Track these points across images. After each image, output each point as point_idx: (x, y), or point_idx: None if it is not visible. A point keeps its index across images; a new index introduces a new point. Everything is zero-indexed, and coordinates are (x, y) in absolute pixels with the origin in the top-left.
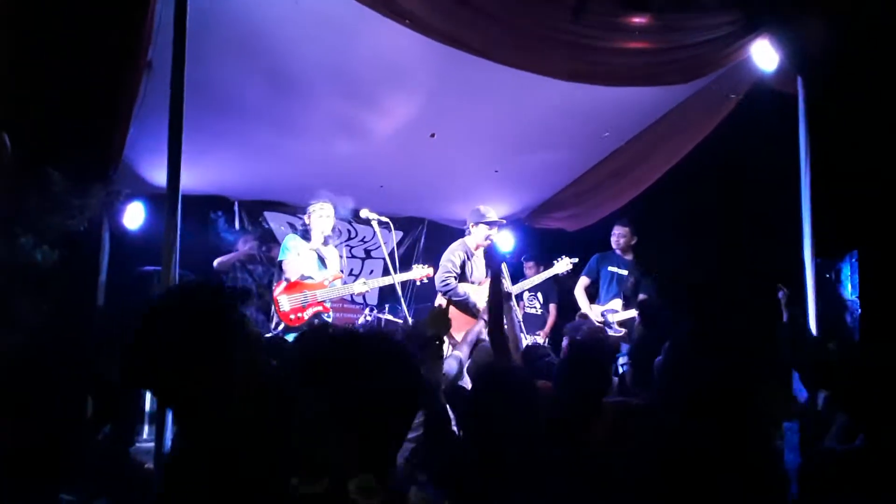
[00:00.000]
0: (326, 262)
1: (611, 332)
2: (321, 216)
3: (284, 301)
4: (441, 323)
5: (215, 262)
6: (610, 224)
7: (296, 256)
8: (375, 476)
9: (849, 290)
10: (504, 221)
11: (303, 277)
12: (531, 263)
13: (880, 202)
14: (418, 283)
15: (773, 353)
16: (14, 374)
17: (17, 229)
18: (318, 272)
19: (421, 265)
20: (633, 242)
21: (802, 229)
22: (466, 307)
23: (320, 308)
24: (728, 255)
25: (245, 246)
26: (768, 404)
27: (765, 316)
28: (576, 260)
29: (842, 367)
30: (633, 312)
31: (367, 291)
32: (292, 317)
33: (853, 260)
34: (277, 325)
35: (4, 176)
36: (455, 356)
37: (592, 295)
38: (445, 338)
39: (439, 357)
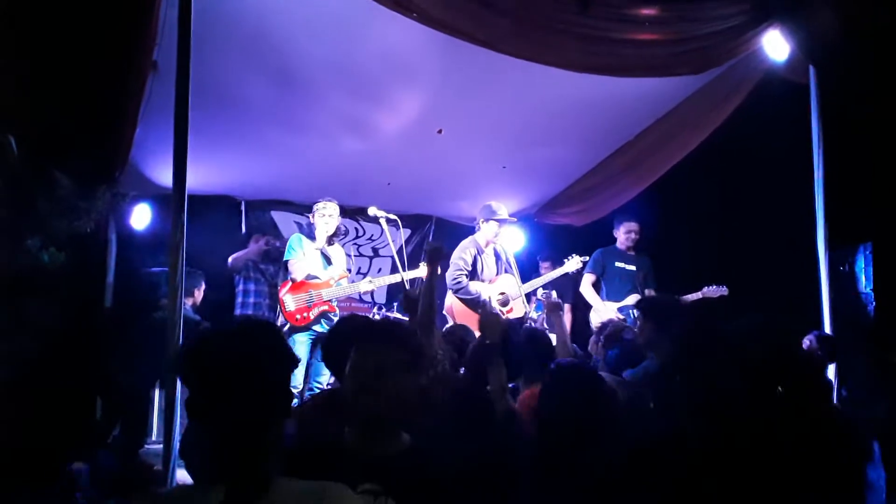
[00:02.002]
0: (332, 260)
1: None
2: (324, 215)
3: (290, 301)
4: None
5: (229, 260)
6: (612, 219)
7: (301, 256)
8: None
9: (863, 283)
10: (515, 219)
11: (308, 277)
12: (547, 264)
13: (894, 192)
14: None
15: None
16: (24, 376)
17: (25, 231)
18: (323, 271)
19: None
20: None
21: (816, 220)
22: (477, 305)
23: (326, 307)
24: (739, 247)
25: (256, 244)
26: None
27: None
28: (586, 258)
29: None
30: None
31: (375, 290)
32: (298, 317)
33: (867, 252)
34: (283, 325)
35: (11, 178)
36: None
37: (598, 291)
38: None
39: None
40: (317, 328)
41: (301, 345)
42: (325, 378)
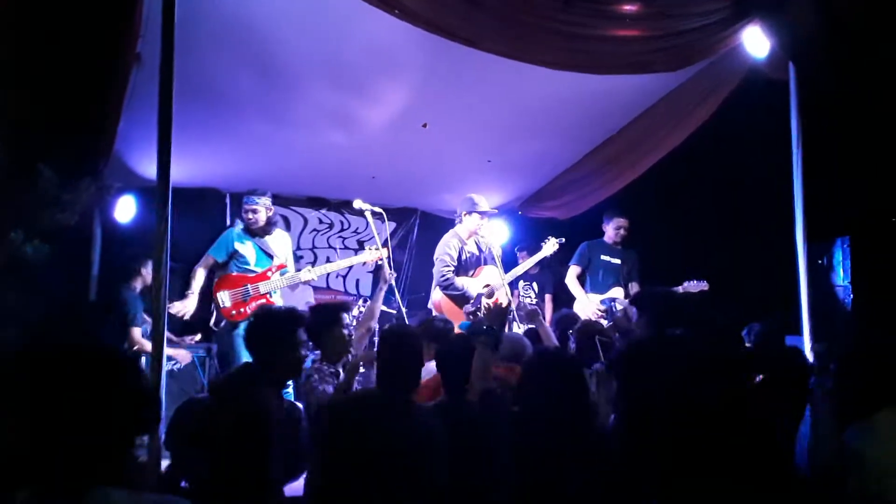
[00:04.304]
0: (271, 251)
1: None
2: (246, 211)
3: (225, 297)
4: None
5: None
6: (598, 211)
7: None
8: None
9: (840, 276)
10: (496, 211)
11: (245, 270)
12: (524, 253)
13: (872, 187)
14: (367, 264)
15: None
16: (6, 369)
17: (9, 224)
18: (257, 264)
19: (371, 247)
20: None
21: (795, 214)
22: (464, 301)
23: (264, 301)
24: (718, 241)
25: None
26: None
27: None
28: (562, 240)
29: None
30: None
31: (315, 279)
32: (234, 312)
33: (845, 245)
34: (219, 321)
35: None
36: None
37: (581, 284)
38: None
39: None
40: None
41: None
42: None
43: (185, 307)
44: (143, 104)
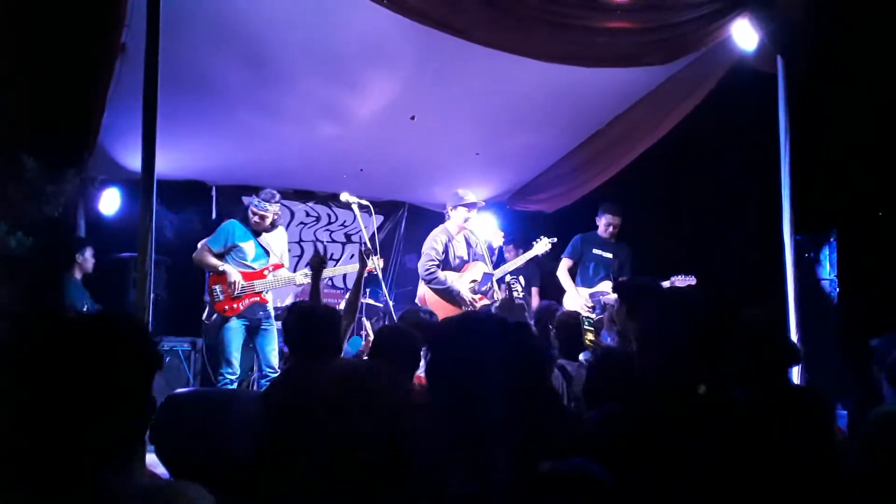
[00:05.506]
0: (270, 248)
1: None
2: (255, 213)
3: (219, 291)
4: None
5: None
6: (589, 204)
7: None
8: None
9: (827, 269)
10: (483, 203)
11: (242, 266)
12: (510, 247)
13: (859, 181)
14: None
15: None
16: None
17: None
18: (256, 261)
19: (373, 258)
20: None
21: (782, 208)
22: (449, 295)
23: (258, 299)
24: (706, 235)
25: None
26: None
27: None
28: (555, 240)
29: None
30: None
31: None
32: (227, 307)
33: (832, 239)
34: (210, 315)
35: None
36: None
37: (573, 277)
38: None
39: None
40: (248, 315)
41: (235, 331)
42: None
43: (234, 275)
44: (128, 95)
